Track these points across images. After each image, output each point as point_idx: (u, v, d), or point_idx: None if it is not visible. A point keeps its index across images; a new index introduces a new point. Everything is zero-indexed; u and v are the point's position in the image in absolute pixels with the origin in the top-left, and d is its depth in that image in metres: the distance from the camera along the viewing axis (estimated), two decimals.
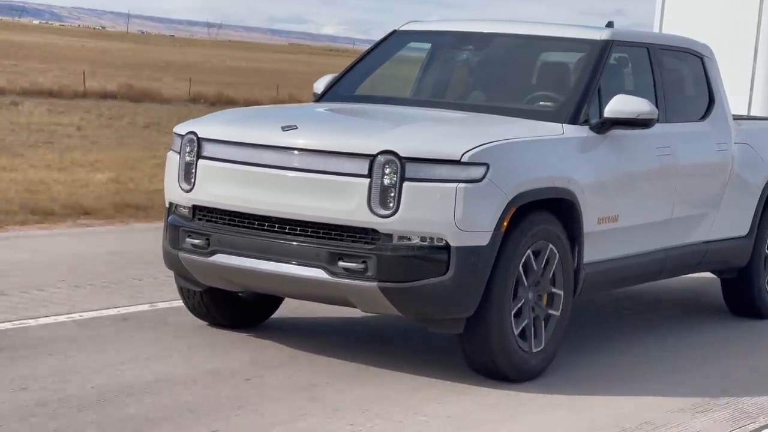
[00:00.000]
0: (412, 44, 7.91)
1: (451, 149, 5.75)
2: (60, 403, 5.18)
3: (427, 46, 7.98)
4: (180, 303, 6.92)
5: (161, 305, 7.31)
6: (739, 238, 8.07)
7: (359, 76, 7.54)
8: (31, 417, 4.98)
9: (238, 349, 6.36)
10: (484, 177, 5.74)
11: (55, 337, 6.34)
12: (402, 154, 5.70)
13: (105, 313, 7.01)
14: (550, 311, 6.25)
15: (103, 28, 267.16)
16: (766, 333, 8.05)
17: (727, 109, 8.06)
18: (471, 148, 5.76)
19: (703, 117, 7.84)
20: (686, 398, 6.03)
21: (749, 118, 9.47)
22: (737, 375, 6.71)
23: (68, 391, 5.36)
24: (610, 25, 8.15)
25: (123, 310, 7.11)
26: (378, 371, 6.11)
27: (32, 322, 6.67)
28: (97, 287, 7.72)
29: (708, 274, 8.48)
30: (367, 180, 5.74)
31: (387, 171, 5.71)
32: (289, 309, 7.19)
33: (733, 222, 7.99)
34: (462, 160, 5.71)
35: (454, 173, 5.71)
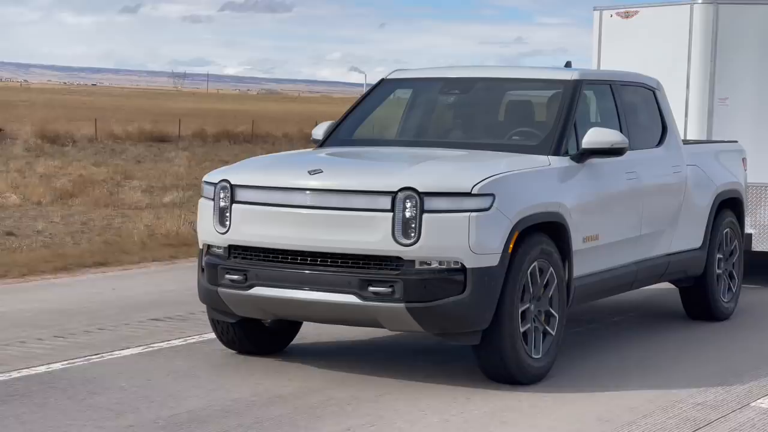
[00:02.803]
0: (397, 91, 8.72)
1: (463, 183, 6.59)
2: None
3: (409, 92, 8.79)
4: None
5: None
6: (694, 249, 9.04)
7: (355, 122, 8.35)
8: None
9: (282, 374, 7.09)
10: (491, 206, 6.58)
11: None
12: (420, 190, 6.51)
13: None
14: (550, 321, 7.08)
15: (26, 81, 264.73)
16: (725, 333, 8.99)
17: (678, 136, 9.06)
18: (479, 181, 6.60)
19: (659, 143, 8.80)
20: (652, 396, 6.72)
21: (695, 142, 10.46)
22: (702, 373, 7.46)
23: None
24: (568, 65, 9.10)
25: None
26: (381, 381, 6.87)
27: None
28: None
29: (660, 287, 9.42)
30: (390, 214, 6.53)
31: (408, 205, 6.52)
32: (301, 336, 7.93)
33: (689, 235, 8.96)
34: (472, 192, 6.55)
35: (466, 204, 6.54)
